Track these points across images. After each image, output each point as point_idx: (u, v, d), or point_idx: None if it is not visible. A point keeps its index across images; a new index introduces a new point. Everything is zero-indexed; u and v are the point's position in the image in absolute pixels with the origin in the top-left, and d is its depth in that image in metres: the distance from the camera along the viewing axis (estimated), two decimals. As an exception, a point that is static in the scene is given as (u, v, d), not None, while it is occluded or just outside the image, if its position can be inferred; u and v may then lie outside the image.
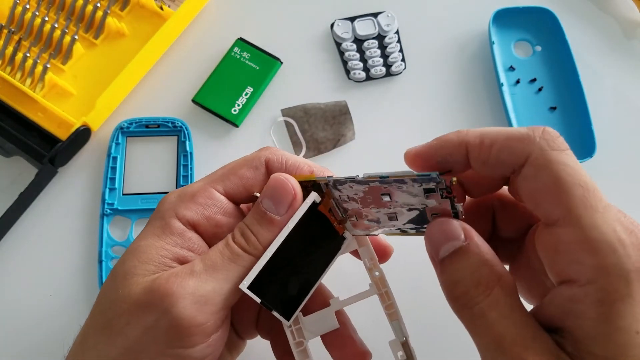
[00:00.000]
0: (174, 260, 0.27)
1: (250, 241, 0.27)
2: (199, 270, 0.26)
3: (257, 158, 0.30)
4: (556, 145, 0.24)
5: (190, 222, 0.28)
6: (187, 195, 0.28)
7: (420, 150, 0.27)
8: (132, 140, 0.47)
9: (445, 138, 0.26)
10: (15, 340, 0.41)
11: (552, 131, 0.24)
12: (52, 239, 0.44)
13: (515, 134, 0.24)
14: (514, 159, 0.24)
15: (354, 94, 0.50)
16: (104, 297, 0.27)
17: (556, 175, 0.23)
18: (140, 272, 0.26)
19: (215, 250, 0.27)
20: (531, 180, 0.23)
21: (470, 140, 0.25)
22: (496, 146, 0.24)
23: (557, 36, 0.50)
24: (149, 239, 0.27)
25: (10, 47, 0.48)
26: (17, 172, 0.46)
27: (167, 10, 0.50)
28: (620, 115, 0.50)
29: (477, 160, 0.25)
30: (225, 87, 0.49)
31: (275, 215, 0.27)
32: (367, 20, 0.51)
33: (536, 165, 0.23)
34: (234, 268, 0.26)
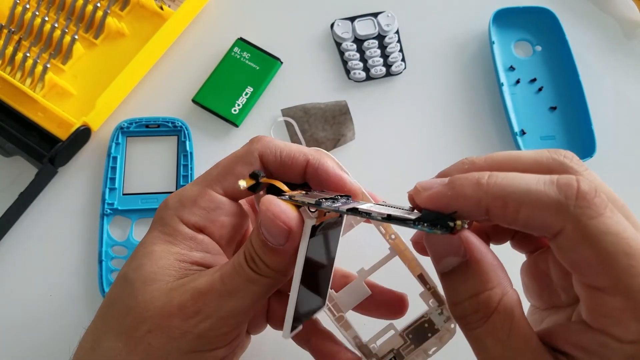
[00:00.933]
0: (193, 264, 0.27)
1: (260, 268, 0.26)
2: (219, 289, 0.26)
3: (249, 153, 0.29)
4: (593, 211, 0.21)
5: (197, 226, 0.28)
6: (188, 200, 0.28)
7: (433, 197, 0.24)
8: (132, 140, 0.47)
9: (461, 191, 0.23)
10: (15, 340, 0.41)
11: (587, 191, 0.21)
12: (52, 238, 0.44)
13: (545, 200, 0.21)
14: (546, 231, 0.22)
15: (354, 94, 0.49)
16: (119, 302, 0.26)
17: (597, 249, 0.21)
18: (161, 279, 0.26)
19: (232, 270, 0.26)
20: (569, 252, 0.22)
21: (491, 201, 0.22)
22: (523, 214, 0.22)
23: (557, 36, 0.50)
24: (162, 245, 0.27)
25: (11, 47, 0.48)
26: (17, 172, 0.46)
27: (167, 10, 0.50)
28: (620, 115, 0.50)
29: (500, 222, 0.23)
30: (225, 87, 0.49)
31: (275, 244, 0.26)
32: (367, 20, 0.51)
33: (574, 239, 0.21)
34: (251, 288, 0.26)
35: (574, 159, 0.25)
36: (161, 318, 0.25)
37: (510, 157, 0.25)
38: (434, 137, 0.49)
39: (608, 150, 0.47)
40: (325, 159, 0.29)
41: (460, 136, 0.48)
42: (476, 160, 0.26)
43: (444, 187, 0.24)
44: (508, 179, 0.22)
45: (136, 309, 0.25)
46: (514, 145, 0.47)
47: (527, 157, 0.25)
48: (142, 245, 0.28)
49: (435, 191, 0.24)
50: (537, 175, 0.22)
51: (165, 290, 0.26)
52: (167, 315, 0.25)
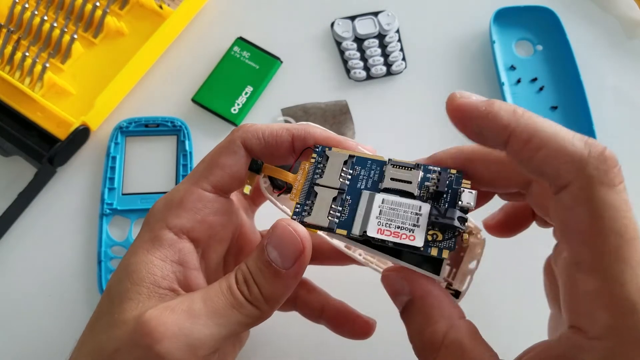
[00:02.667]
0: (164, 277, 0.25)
1: (253, 293, 0.25)
2: (198, 312, 0.24)
3: (232, 142, 0.28)
4: (608, 178, 0.20)
5: (183, 229, 0.26)
6: (174, 202, 0.27)
7: (466, 106, 0.24)
8: (131, 140, 0.46)
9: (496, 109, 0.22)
10: (14, 340, 0.41)
11: (611, 157, 0.20)
12: (51, 239, 0.44)
13: (569, 147, 0.20)
14: (557, 178, 0.21)
15: (354, 94, 0.49)
16: (100, 319, 0.26)
17: (595, 217, 0.20)
18: (133, 297, 0.25)
19: (218, 292, 0.25)
20: (566, 210, 0.21)
21: (517, 130, 0.22)
22: (542, 153, 0.21)
23: (558, 35, 0.50)
24: (139, 255, 0.26)
25: (9, 46, 0.47)
26: (16, 171, 0.45)
27: (166, 9, 0.50)
28: (621, 114, 0.49)
29: (515, 156, 0.22)
30: (225, 86, 0.48)
31: (281, 268, 0.24)
32: (367, 19, 0.51)
33: (576, 197, 0.20)
34: (234, 314, 0.24)
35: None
36: (128, 340, 0.23)
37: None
38: (434, 137, 0.48)
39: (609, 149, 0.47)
40: (310, 127, 0.28)
41: (460, 136, 0.48)
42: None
43: (481, 102, 0.23)
44: (543, 120, 0.22)
45: (111, 327, 0.24)
46: (514, 145, 0.47)
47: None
48: (125, 255, 0.27)
49: (472, 101, 0.23)
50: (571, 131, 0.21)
51: (135, 309, 0.24)
52: (138, 337, 0.23)
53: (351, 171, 0.26)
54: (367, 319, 0.33)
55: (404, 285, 0.25)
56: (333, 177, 0.26)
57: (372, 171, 0.26)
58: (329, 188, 0.26)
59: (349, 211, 0.25)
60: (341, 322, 0.33)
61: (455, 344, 0.23)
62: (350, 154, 0.27)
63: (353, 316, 0.33)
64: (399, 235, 0.24)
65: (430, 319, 0.24)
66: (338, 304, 0.34)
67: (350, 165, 0.27)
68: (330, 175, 0.26)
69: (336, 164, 0.27)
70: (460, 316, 0.24)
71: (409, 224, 0.24)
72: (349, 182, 0.26)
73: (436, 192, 0.25)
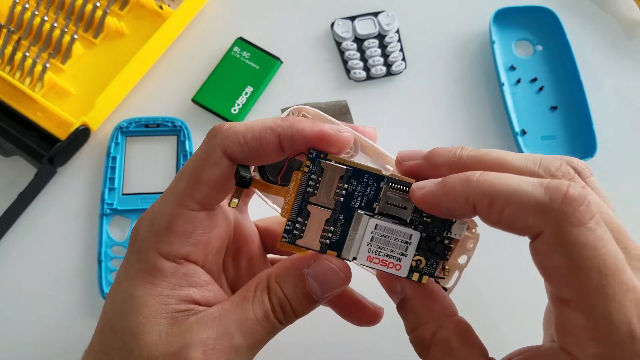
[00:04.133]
0: (180, 302, 0.25)
1: (288, 318, 0.25)
2: (239, 346, 0.24)
3: (212, 152, 0.25)
4: (577, 219, 0.20)
5: (178, 256, 0.25)
6: (162, 226, 0.25)
7: (426, 198, 0.24)
8: (131, 140, 0.47)
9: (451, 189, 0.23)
10: (14, 340, 0.41)
11: (575, 198, 0.20)
12: (51, 239, 0.44)
13: (530, 200, 0.21)
14: (526, 230, 0.21)
15: (354, 94, 0.49)
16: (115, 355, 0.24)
17: (571, 259, 0.20)
18: (150, 330, 0.24)
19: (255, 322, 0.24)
20: (543, 256, 0.21)
21: (478, 199, 0.22)
22: (507, 212, 0.21)
23: (558, 36, 0.50)
24: (142, 288, 0.24)
25: (10, 46, 0.47)
26: (16, 172, 0.45)
27: (166, 10, 0.50)
28: (621, 114, 0.49)
29: (485, 220, 0.23)
30: (225, 86, 0.48)
31: (318, 298, 0.25)
32: (367, 20, 0.51)
33: (549, 243, 0.21)
34: (268, 338, 0.25)
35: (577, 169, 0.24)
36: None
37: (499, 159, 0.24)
38: (434, 137, 0.48)
39: (609, 150, 0.47)
40: (298, 124, 0.25)
41: (460, 136, 0.48)
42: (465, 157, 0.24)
43: (435, 186, 0.23)
44: (498, 179, 0.22)
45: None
46: (514, 145, 0.47)
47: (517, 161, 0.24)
48: (119, 286, 0.25)
49: (428, 189, 0.24)
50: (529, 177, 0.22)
51: (163, 343, 0.23)
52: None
53: (346, 186, 0.25)
54: (375, 307, 0.33)
55: (397, 284, 0.26)
56: (327, 195, 0.25)
57: (368, 187, 0.25)
58: (322, 207, 0.25)
59: (341, 232, 0.25)
60: (350, 309, 0.33)
61: (443, 343, 0.24)
62: (347, 167, 0.25)
63: (361, 304, 0.33)
64: (386, 263, 0.25)
65: (420, 318, 0.25)
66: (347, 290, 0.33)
67: (346, 180, 0.25)
68: (325, 192, 0.25)
69: (332, 179, 0.25)
70: (451, 314, 0.25)
71: (398, 252, 0.25)
72: (343, 199, 0.25)
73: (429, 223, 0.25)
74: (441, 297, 0.26)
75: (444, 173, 0.24)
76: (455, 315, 0.25)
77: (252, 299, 0.25)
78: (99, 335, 0.26)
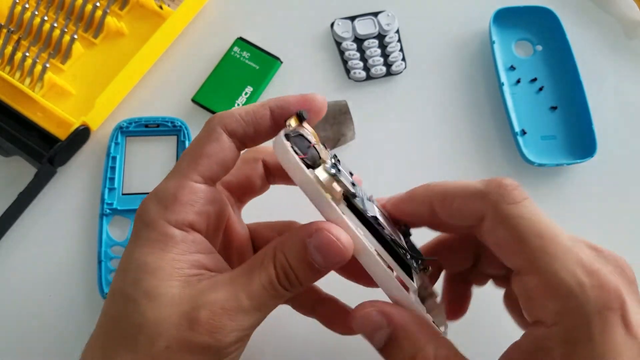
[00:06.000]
0: (191, 267, 0.26)
1: (294, 285, 0.26)
2: (246, 306, 0.25)
3: (212, 130, 0.27)
4: (511, 198, 0.25)
5: (185, 224, 0.26)
6: (168, 198, 0.26)
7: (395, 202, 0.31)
8: (131, 140, 0.47)
9: (414, 193, 0.29)
10: (14, 340, 0.41)
11: (509, 183, 0.25)
12: (51, 239, 0.44)
13: (471, 190, 0.26)
14: (473, 216, 0.26)
15: (354, 94, 0.49)
16: (124, 321, 0.25)
17: (512, 229, 0.24)
18: (165, 292, 0.25)
19: (260, 288, 0.26)
20: (491, 234, 0.26)
21: (434, 196, 0.28)
22: (456, 203, 0.27)
23: (557, 36, 0.50)
24: (154, 254, 0.25)
25: (10, 46, 0.47)
26: (16, 171, 0.45)
27: (166, 10, 0.50)
28: (621, 114, 0.49)
29: (442, 215, 0.28)
30: (224, 86, 0.48)
31: (320, 268, 0.26)
32: (367, 20, 0.51)
33: (493, 221, 0.25)
34: (275, 302, 0.26)
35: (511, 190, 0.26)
36: (180, 333, 0.24)
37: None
38: (434, 137, 0.48)
39: (608, 150, 0.47)
40: (283, 96, 0.28)
41: (460, 136, 0.48)
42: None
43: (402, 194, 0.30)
44: (451, 182, 0.28)
45: (148, 325, 0.24)
46: (514, 145, 0.47)
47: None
48: (131, 257, 0.26)
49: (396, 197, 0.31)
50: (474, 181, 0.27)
51: (176, 304, 0.24)
52: (187, 331, 0.24)
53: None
54: None
55: (382, 320, 0.26)
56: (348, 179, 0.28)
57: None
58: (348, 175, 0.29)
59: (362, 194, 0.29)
60: (333, 318, 0.33)
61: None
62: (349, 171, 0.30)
63: (344, 313, 0.33)
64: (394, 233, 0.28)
65: (417, 343, 0.25)
66: (330, 300, 0.34)
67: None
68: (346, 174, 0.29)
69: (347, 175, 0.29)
70: (439, 335, 0.26)
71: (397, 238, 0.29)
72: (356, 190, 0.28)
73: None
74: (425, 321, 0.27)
75: None
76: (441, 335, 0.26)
77: (259, 266, 0.26)
78: (108, 307, 0.26)
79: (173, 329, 0.24)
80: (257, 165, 0.32)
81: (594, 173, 0.47)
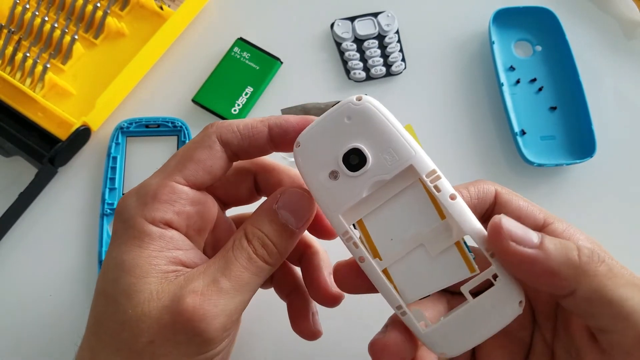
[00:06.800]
0: (168, 264, 0.26)
1: (272, 254, 0.26)
2: (227, 288, 0.25)
3: (207, 137, 0.27)
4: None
5: (163, 221, 0.26)
6: (148, 195, 0.26)
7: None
8: (132, 140, 0.47)
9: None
10: (14, 340, 0.41)
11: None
12: (52, 239, 0.44)
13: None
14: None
15: (354, 94, 0.49)
16: (107, 320, 0.25)
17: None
18: (142, 289, 0.25)
19: (238, 266, 0.26)
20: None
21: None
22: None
23: (557, 36, 0.50)
24: (131, 252, 0.25)
25: (10, 47, 0.48)
26: (17, 172, 0.45)
27: (167, 10, 0.50)
28: (620, 115, 0.49)
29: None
30: (225, 87, 0.49)
31: (294, 228, 0.26)
32: (367, 20, 0.51)
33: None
34: (256, 281, 0.26)
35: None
36: (162, 327, 0.24)
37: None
38: (433, 137, 0.49)
39: (608, 150, 0.47)
40: (285, 116, 0.28)
41: (460, 136, 0.48)
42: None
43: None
44: None
45: (130, 322, 0.24)
46: (514, 145, 0.47)
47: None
48: (110, 255, 0.26)
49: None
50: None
51: (154, 299, 0.24)
52: (169, 324, 0.24)
53: None
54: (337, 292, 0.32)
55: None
56: None
57: None
58: None
59: None
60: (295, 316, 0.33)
61: None
62: None
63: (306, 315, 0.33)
64: None
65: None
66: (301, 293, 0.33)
67: None
68: None
69: None
70: None
71: None
72: None
73: None
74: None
75: None
76: None
77: (232, 247, 0.26)
78: (93, 307, 0.27)
79: (154, 324, 0.24)
80: (247, 177, 0.32)
81: (593, 173, 0.47)
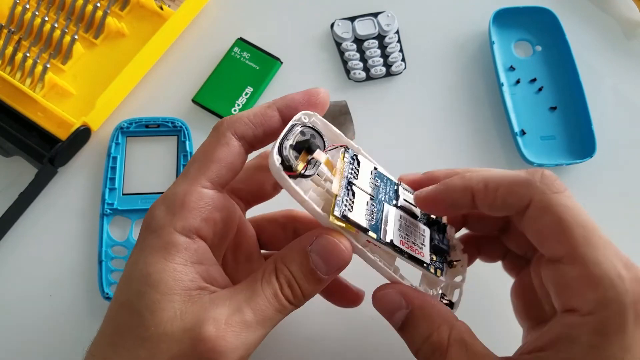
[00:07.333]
0: (192, 280, 0.26)
1: (297, 297, 0.26)
2: (250, 321, 0.25)
3: (221, 135, 0.28)
4: (555, 188, 0.26)
5: (192, 230, 0.26)
6: (176, 204, 0.26)
7: (430, 195, 0.29)
8: (132, 140, 0.47)
9: (451, 183, 0.28)
10: (14, 340, 0.41)
11: (550, 174, 0.26)
12: (52, 239, 0.44)
13: (518, 178, 0.26)
14: (518, 202, 0.26)
15: (354, 94, 0.49)
16: (129, 334, 0.25)
17: (559, 217, 0.25)
18: (166, 307, 0.24)
19: (264, 300, 0.26)
20: (535, 221, 0.26)
21: (474, 185, 0.27)
22: (500, 191, 0.27)
23: (557, 36, 0.50)
24: (157, 264, 0.25)
25: (10, 47, 0.48)
26: (17, 172, 0.45)
27: (167, 10, 0.50)
28: (620, 115, 0.49)
29: (483, 204, 0.27)
30: (225, 87, 0.49)
31: (323, 275, 0.27)
32: (367, 20, 0.51)
33: (539, 208, 0.25)
34: (279, 317, 0.26)
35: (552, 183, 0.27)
36: (182, 350, 0.24)
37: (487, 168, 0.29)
38: (433, 137, 0.49)
39: (608, 150, 0.47)
40: (288, 95, 0.29)
41: (460, 136, 0.48)
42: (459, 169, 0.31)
43: (437, 186, 0.29)
44: (488, 170, 0.28)
45: (150, 340, 0.24)
46: (514, 145, 0.47)
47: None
48: (135, 266, 0.26)
49: (431, 189, 0.29)
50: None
51: (178, 319, 0.24)
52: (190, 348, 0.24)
53: (375, 181, 0.30)
54: (357, 289, 0.35)
55: (401, 300, 0.27)
56: (366, 183, 0.29)
57: (388, 187, 0.30)
58: (363, 192, 0.28)
59: (376, 217, 0.28)
60: (332, 289, 0.34)
61: (459, 342, 0.26)
62: (374, 166, 0.31)
63: (343, 286, 0.35)
64: (414, 249, 0.28)
65: (433, 323, 0.27)
66: None
67: (374, 176, 0.30)
68: (364, 180, 0.29)
69: (367, 171, 0.30)
70: (456, 319, 0.28)
71: (419, 242, 0.29)
72: (373, 189, 0.29)
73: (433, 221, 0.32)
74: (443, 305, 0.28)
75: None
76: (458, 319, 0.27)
77: (261, 279, 0.26)
78: (113, 316, 0.26)
79: (175, 345, 0.24)
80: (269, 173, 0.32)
81: (593, 173, 0.47)
